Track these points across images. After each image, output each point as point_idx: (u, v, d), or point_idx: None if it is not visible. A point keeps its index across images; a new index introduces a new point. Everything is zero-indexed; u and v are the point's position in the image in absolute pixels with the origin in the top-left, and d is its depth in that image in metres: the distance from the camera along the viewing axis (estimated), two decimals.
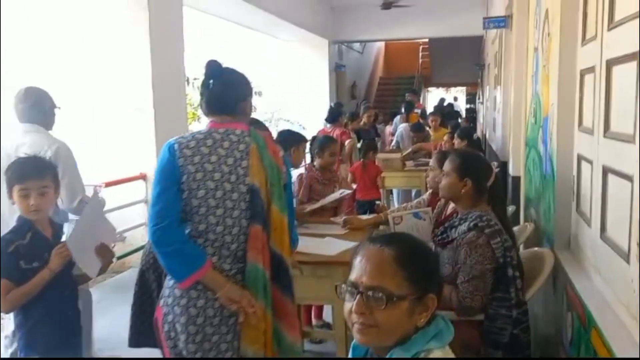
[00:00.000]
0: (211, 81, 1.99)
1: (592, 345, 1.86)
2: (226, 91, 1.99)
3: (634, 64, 1.63)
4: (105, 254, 2.29)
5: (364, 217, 3.73)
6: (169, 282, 1.97)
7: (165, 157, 1.91)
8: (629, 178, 1.70)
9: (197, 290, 1.90)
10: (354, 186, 5.65)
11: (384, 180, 6.24)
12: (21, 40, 5.25)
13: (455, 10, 10.36)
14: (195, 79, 7.09)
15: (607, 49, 1.98)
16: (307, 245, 2.87)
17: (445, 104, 13.85)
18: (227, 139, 1.94)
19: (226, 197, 1.89)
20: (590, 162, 2.20)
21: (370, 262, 1.16)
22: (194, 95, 7.36)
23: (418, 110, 10.26)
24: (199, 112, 8.73)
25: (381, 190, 6.19)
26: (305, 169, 3.93)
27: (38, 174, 2.19)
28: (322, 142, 3.83)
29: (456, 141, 5.67)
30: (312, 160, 3.92)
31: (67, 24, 5.17)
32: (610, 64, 1.92)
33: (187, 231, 1.94)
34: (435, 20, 10.69)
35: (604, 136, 1.98)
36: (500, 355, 2.22)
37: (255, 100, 8.00)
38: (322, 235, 3.10)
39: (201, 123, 8.47)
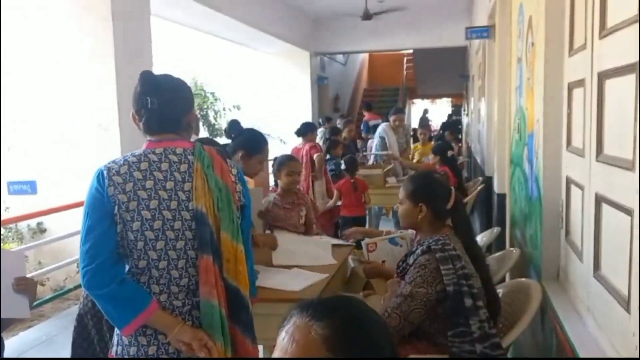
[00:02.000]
0: (148, 99, 1.70)
1: None
2: (166, 108, 1.71)
3: (632, 77, 1.38)
4: (27, 285, 2.03)
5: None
6: (116, 328, 1.71)
7: (93, 186, 1.65)
8: (627, 211, 1.44)
9: (146, 335, 1.65)
10: (339, 203, 5.44)
11: (365, 197, 5.99)
12: None
13: (439, 20, 10.18)
14: None
15: (598, 59, 1.73)
16: (270, 278, 2.58)
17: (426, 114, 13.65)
18: (166, 159, 1.67)
19: (166, 227, 1.63)
20: (581, 187, 1.95)
21: (295, 344, 0.87)
22: None
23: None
24: None
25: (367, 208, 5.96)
26: (266, 193, 3.60)
27: None
28: (278, 162, 3.47)
29: (431, 157, 5.45)
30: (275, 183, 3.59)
31: (24, 34, 4.86)
32: (603, 76, 1.67)
33: (126, 269, 1.67)
34: (418, 30, 10.50)
35: (597, 160, 1.73)
36: None
37: (234, 114, 7.70)
38: (289, 267, 2.81)
39: None
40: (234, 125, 2.98)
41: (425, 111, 19.68)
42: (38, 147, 4.99)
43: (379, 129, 7.02)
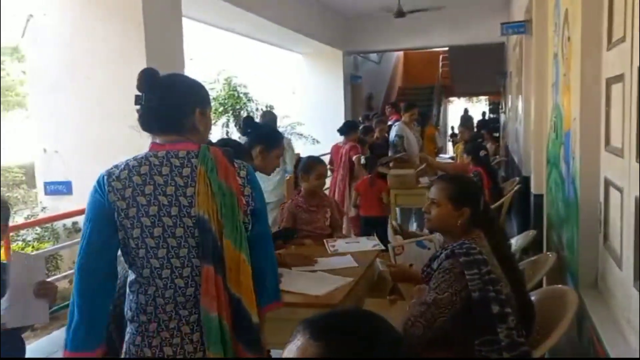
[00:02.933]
0: (143, 95, 1.63)
1: None
2: (163, 106, 1.62)
3: None
4: (47, 291, 1.99)
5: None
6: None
7: (96, 192, 1.58)
8: None
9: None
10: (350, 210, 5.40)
11: (395, 198, 5.88)
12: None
13: (475, 16, 9.94)
14: None
15: (638, 53, 1.60)
16: (292, 281, 2.52)
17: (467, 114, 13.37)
18: (168, 163, 1.59)
19: (167, 234, 1.56)
20: (620, 189, 1.82)
21: None
22: None
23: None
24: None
25: (392, 208, 5.85)
26: (292, 197, 3.53)
27: None
28: (307, 164, 3.39)
29: (464, 157, 5.31)
30: (296, 185, 3.51)
31: (57, 38, 4.95)
32: None
33: (133, 277, 1.62)
34: (453, 27, 10.27)
35: (637, 160, 1.60)
36: None
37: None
38: (314, 270, 2.75)
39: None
40: (248, 121, 2.98)
41: (466, 110, 19.34)
42: (73, 149, 5.07)
43: (396, 128, 6.87)
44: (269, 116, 6.90)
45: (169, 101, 1.63)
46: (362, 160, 5.59)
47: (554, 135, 3.02)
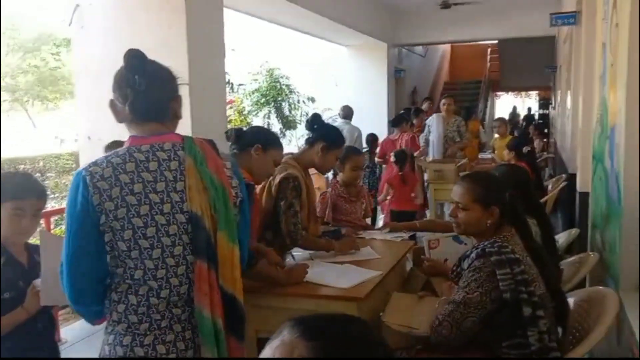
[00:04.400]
0: (136, 77, 1.52)
1: None
2: (152, 89, 1.53)
3: None
4: None
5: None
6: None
7: (77, 196, 1.46)
8: None
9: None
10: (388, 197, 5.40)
11: (435, 193, 5.77)
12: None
13: (524, 8, 9.58)
14: (240, 84, 6.89)
15: None
16: (319, 272, 2.48)
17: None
18: (154, 157, 1.50)
19: (161, 233, 1.48)
20: None
21: None
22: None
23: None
24: (252, 119, 8.56)
25: (432, 202, 5.76)
26: (330, 186, 3.52)
27: (38, 194, 1.97)
28: (344, 155, 3.33)
29: (506, 153, 5.14)
30: (335, 175, 3.51)
31: (99, 27, 5.05)
32: None
33: (116, 280, 1.53)
34: (501, 20, 9.95)
35: None
36: None
37: (309, 107, 7.77)
38: (341, 262, 2.70)
39: None
40: (316, 118, 2.96)
41: (515, 108, 18.86)
42: (114, 137, 5.19)
43: (428, 120, 6.79)
44: (347, 110, 7.22)
45: (158, 84, 1.55)
46: (392, 158, 5.55)
47: (599, 130, 2.87)
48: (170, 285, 1.51)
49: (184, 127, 5.01)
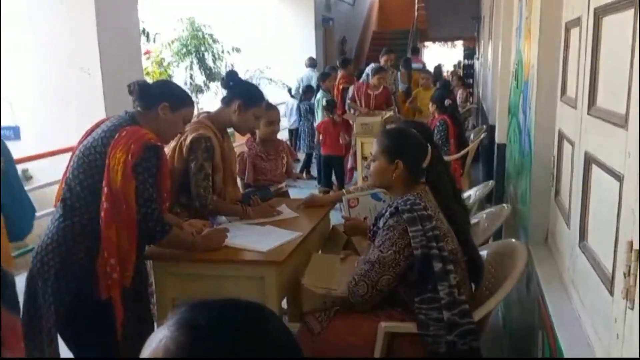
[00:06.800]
0: None
1: None
2: None
3: (630, 13, 1.12)
4: None
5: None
6: None
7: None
8: (617, 176, 1.21)
9: None
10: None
11: (363, 147, 5.77)
12: None
13: None
14: (156, 34, 6.47)
15: None
16: (238, 235, 2.40)
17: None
18: None
19: None
20: (572, 143, 1.71)
21: (148, 348, 0.68)
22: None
23: (419, 65, 9.60)
24: (172, 71, 8.16)
25: (359, 159, 5.83)
26: (246, 145, 3.37)
27: None
28: None
29: (430, 105, 5.20)
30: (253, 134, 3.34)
31: None
32: (599, 13, 1.40)
33: None
34: None
35: (588, 113, 1.48)
36: None
37: (234, 58, 7.67)
38: (263, 223, 2.62)
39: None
40: (232, 74, 2.76)
41: (440, 66, 19.12)
42: (20, 93, 4.79)
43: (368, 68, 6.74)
44: (312, 60, 8.02)
45: None
46: (324, 102, 6.09)
47: (514, 84, 2.89)
48: None
49: (94, 81, 4.74)
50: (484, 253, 2.26)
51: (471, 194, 3.48)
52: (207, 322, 0.67)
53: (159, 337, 0.67)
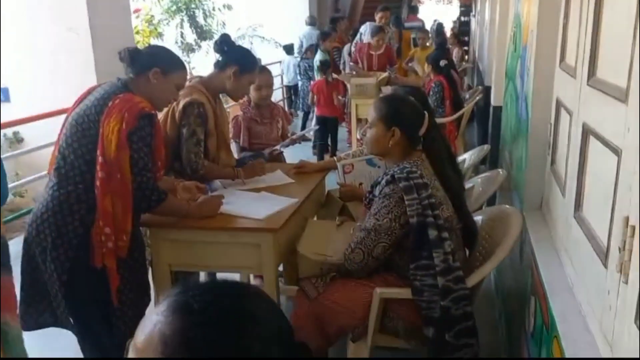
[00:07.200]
0: None
1: (553, 354, 1.45)
2: None
3: None
4: None
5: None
6: None
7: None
8: (615, 150, 1.21)
9: None
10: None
11: (358, 109, 5.74)
12: None
13: None
14: None
15: None
16: (233, 202, 2.39)
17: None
18: None
19: None
20: (570, 112, 1.70)
21: (141, 334, 0.69)
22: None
23: (418, 24, 9.40)
24: (163, 29, 7.98)
25: (353, 119, 5.81)
26: (241, 108, 3.33)
27: None
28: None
29: (426, 66, 5.14)
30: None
31: None
32: None
33: None
34: None
35: (588, 83, 1.46)
36: (433, 332, 1.88)
37: (225, 15, 7.60)
38: (259, 190, 2.61)
39: (163, 41, 7.75)
40: (225, 39, 2.66)
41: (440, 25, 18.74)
42: (9, 54, 4.68)
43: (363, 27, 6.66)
44: (312, 19, 8.35)
45: None
46: (317, 63, 6.11)
47: (512, 47, 2.85)
48: None
49: (83, 41, 4.63)
50: (478, 219, 2.28)
51: (466, 157, 3.48)
52: (200, 306, 0.67)
53: (153, 322, 0.67)
